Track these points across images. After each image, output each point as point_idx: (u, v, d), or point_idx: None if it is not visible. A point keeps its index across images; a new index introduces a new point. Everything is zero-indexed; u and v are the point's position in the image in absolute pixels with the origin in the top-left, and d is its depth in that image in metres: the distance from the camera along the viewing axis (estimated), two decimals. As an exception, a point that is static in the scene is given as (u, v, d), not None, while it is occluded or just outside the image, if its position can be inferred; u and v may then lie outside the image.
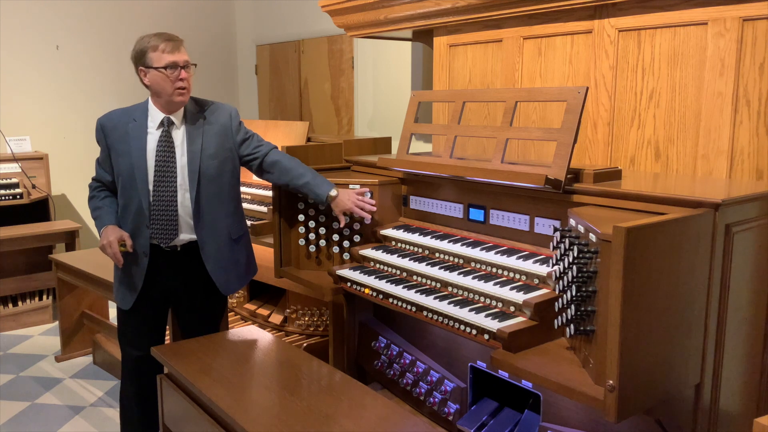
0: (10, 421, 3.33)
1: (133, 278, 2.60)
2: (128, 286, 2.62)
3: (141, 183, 2.52)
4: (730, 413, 2.03)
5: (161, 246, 2.59)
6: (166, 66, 2.46)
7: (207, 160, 2.58)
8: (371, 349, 2.90)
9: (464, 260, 2.50)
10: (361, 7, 3.34)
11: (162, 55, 2.46)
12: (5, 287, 4.78)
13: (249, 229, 3.68)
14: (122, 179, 2.56)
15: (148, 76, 2.50)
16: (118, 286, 2.67)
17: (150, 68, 2.48)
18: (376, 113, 4.76)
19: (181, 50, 2.51)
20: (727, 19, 2.28)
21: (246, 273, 2.84)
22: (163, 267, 2.63)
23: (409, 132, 2.86)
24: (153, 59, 2.47)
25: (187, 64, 2.51)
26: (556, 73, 2.84)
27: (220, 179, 2.63)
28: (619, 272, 1.61)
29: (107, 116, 2.61)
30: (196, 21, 6.06)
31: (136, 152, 2.53)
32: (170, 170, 2.54)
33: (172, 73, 2.47)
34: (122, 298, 2.65)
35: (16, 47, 5.17)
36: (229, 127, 2.66)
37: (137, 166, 2.52)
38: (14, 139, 5.05)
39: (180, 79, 2.48)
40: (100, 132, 2.60)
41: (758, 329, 2.10)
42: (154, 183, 2.53)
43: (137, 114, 2.58)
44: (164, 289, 2.67)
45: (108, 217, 2.58)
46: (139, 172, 2.52)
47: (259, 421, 1.98)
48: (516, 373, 1.95)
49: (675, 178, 2.36)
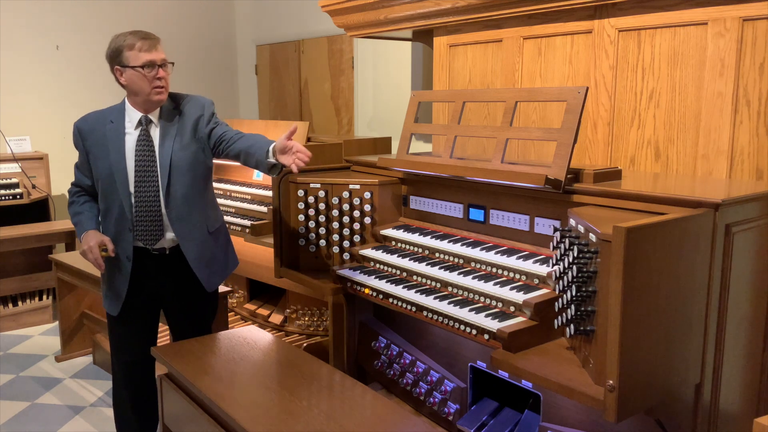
0: (10, 421, 3.32)
1: (118, 284, 2.55)
2: (114, 292, 2.57)
3: (122, 186, 2.47)
4: (730, 413, 2.03)
5: (148, 249, 2.54)
6: (143, 65, 2.40)
7: (178, 152, 2.50)
8: (371, 349, 2.90)
9: (464, 260, 2.50)
10: (361, 7, 3.34)
11: (138, 53, 2.41)
12: (5, 287, 4.77)
13: (248, 229, 3.70)
14: (102, 183, 2.51)
15: (125, 75, 2.44)
16: (106, 291, 2.62)
17: (126, 67, 2.42)
18: (376, 113, 4.76)
19: (158, 48, 2.45)
20: (727, 19, 2.28)
21: (226, 266, 2.77)
22: (150, 271, 2.57)
23: (409, 132, 2.86)
24: (129, 58, 2.42)
25: (164, 63, 2.46)
26: (556, 73, 2.84)
27: (194, 171, 2.54)
28: (619, 272, 1.61)
29: (83, 119, 2.56)
30: (196, 21, 6.06)
31: (114, 155, 2.47)
32: (151, 169, 2.48)
33: (149, 72, 2.41)
34: (109, 304, 2.61)
35: (16, 47, 5.17)
36: (202, 116, 2.56)
37: (117, 169, 2.46)
38: (14, 139, 5.05)
39: (158, 77, 2.43)
40: (77, 136, 2.55)
41: (758, 329, 2.10)
42: (135, 184, 2.48)
43: (113, 115, 2.52)
44: (152, 293, 2.62)
45: (88, 222, 2.54)
46: (119, 175, 2.46)
47: (259, 421, 1.98)
48: (516, 373, 1.95)
49: (675, 178, 2.36)
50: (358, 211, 2.93)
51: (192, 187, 2.54)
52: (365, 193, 2.91)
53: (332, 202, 2.96)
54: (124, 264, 2.53)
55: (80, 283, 3.79)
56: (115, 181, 2.47)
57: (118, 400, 2.77)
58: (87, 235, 2.48)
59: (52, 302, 4.84)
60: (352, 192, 2.93)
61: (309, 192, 2.98)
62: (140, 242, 2.52)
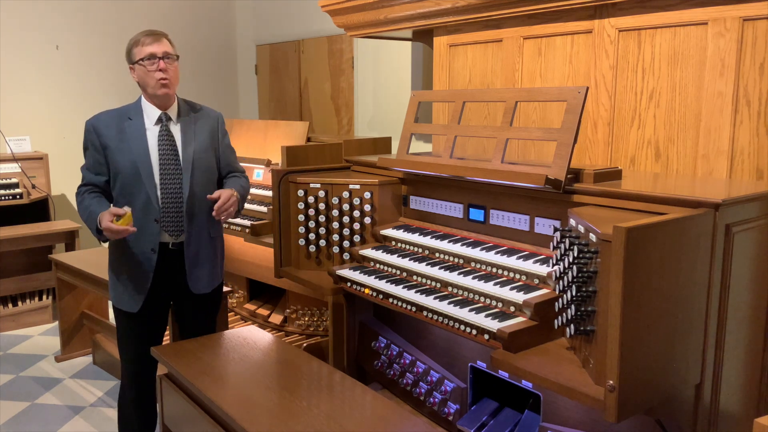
0: (10, 421, 3.32)
1: (140, 279, 2.55)
2: (135, 288, 2.56)
3: (147, 178, 2.50)
4: (730, 413, 2.03)
5: (167, 243, 2.57)
6: (145, 57, 2.47)
7: (199, 152, 2.60)
8: (371, 349, 2.90)
9: (464, 260, 2.50)
10: (361, 7, 3.34)
11: (142, 48, 2.48)
12: (5, 287, 4.77)
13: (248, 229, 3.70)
14: (123, 177, 2.53)
15: (135, 71, 2.53)
16: (122, 288, 2.59)
17: (135, 63, 2.51)
18: (376, 113, 4.76)
19: (161, 42, 2.51)
20: (727, 19, 2.28)
21: (213, 278, 2.73)
22: (169, 265, 2.60)
23: (409, 132, 2.86)
24: (136, 54, 2.50)
25: (166, 55, 2.50)
26: (556, 73, 2.84)
27: (209, 174, 2.65)
28: (619, 272, 1.61)
29: (96, 118, 2.58)
30: (196, 21, 6.06)
31: (137, 149, 2.51)
32: (175, 164, 2.55)
33: (151, 64, 2.47)
34: (128, 300, 2.58)
35: (16, 47, 5.17)
36: (217, 129, 2.71)
37: (141, 162, 2.50)
38: (14, 139, 5.05)
39: (159, 69, 2.47)
40: (92, 133, 2.54)
41: (758, 329, 2.10)
42: (160, 177, 2.53)
43: (131, 113, 2.57)
44: (170, 289, 2.64)
45: (100, 208, 2.47)
46: (144, 167, 2.50)
47: (259, 421, 1.98)
48: (516, 373, 1.95)
49: (675, 178, 2.36)
50: (358, 211, 2.93)
51: (205, 189, 2.61)
52: (365, 193, 2.91)
53: (332, 202, 2.96)
54: (149, 257, 2.54)
55: (80, 283, 3.79)
56: (140, 173, 2.50)
57: (125, 400, 2.74)
58: (100, 218, 2.41)
59: (52, 302, 4.84)
60: (352, 192, 2.93)
61: (309, 192, 2.98)
62: (166, 233, 2.56)
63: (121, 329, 2.68)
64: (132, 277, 2.57)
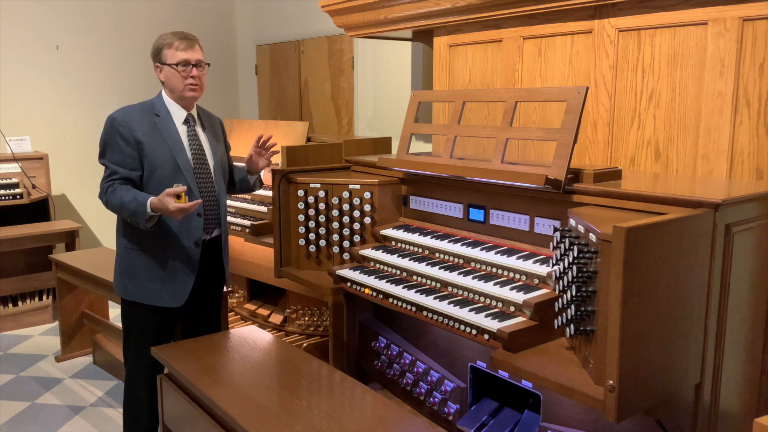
0: (10, 421, 3.33)
1: (184, 273, 2.57)
2: (182, 281, 2.56)
3: (188, 173, 2.55)
4: (730, 413, 2.03)
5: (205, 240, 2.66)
6: (178, 63, 2.53)
7: (219, 153, 2.73)
8: (371, 349, 2.90)
9: (464, 260, 2.50)
10: (361, 7, 3.34)
11: (176, 52, 2.53)
12: (5, 287, 4.78)
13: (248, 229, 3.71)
14: (161, 171, 2.50)
15: (163, 72, 2.57)
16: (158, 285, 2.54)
17: (164, 65, 2.55)
18: (376, 113, 4.76)
19: (195, 48, 2.57)
20: (727, 19, 2.28)
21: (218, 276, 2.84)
22: (207, 260, 2.69)
23: (409, 132, 2.86)
24: (167, 56, 2.54)
25: (199, 63, 2.57)
26: (556, 73, 2.84)
27: (225, 175, 2.80)
28: (619, 272, 1.61)
29: (124, 111, 2.52)
30: (196, 21, 6.05)
31: (174, 145, 2.54)
32: (206, 163, 2.64)
33: (183, 71, 2.53)
34: (171, 295, 2.56)
35: (16, 47, 5.17)
36: (221, 133, 2.84)
37: (180, 158, 2.54)
38: (14, 139, 5.05)
39: (191, 76, 2.54)
40: (124, 127, 2.46)
41: (758, 329, 2.10)
42: (195, 174, 2.59)
43: (157, 108, 2.58)
44: (207, 283, 2.74)
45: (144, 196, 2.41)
46: (184, 164, 2.54)
47: (259, 421, 1.98)
48: (516, 373, 1.95)
49: (675, 178, 2.36)
50: (358, 211, 2.93)
51: (224, 188, 2.75)
52: (365, 193, 2.91)
53: (332, 202, 2.96)
54: (194, 251, 2.59)
55: (80, 283, 3.79)
56: (180, 169, 2.54)
57: (133, 400, 2.69)
58: (155, 202, 2.36)
59: (52, 302, 4.84)
60: (352, 192, 2.93)
61: (309, 192, 2.99)
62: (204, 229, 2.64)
63: (139, 326, 2.62)
64: (175, 273, 2.57)
